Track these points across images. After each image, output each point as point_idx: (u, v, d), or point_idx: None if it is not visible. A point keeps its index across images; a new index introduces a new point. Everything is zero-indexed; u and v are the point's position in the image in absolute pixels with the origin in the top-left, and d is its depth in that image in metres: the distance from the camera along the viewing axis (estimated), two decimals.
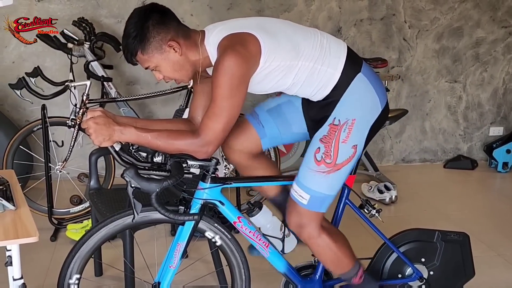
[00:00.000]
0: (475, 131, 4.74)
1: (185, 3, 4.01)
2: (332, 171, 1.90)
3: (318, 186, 1.92)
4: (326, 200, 1.95)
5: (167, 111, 4.11)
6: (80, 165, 3.58)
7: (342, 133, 1.89)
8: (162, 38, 1.78)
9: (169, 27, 1.80)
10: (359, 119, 1.90)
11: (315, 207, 1.94)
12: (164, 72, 1.85)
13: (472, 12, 4.43)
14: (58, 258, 2.85)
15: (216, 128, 1.75)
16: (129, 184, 1.65)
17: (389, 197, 3.79)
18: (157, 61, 1.81)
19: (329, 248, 2.01)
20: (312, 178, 1.92)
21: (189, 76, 1.88)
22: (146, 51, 1.79)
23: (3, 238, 1.62)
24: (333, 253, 2.03)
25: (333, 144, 1.89)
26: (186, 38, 1.83)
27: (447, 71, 4.54)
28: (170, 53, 1.80)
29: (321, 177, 1.91)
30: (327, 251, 2.02)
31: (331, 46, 1.91)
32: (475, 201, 3.95)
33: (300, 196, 1.94)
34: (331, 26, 4.24)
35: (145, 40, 1.77)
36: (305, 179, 1.93)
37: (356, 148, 1.92)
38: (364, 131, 1.93)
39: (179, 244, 1.95)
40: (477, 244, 2.95)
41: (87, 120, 1.71)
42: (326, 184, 1.92)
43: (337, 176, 1.92)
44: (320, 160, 1.90)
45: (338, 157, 1.90)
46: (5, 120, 3.78)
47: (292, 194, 1.97)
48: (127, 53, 1.81)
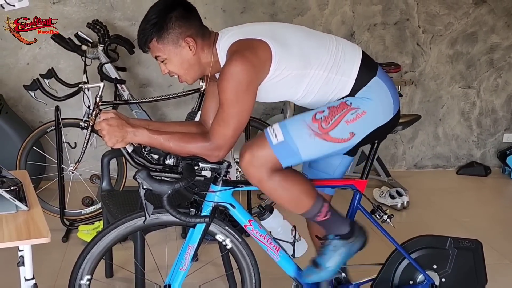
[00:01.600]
0: (489, 138, 4.70)
1: (199, 6, 3.98)
2: (320, 136, 1.84)
3: (298, 138, 1.83)
4: (294, 156, 1.85)
5: (179, 114, 4.12)
6: (92, 166, 3.60)
7: (349, 115, 1.85)
8: (182, 32, 1.78)
9: (192, 24, 1.80)
10: (369, 114, 1.87)
11: (279, 153, 1.82)
12: (171, 67, 1.84)
13: (487, 18, 4.40)
14: (69, 259, 2.87)
15: (225, 134, 1.75)
16: (141, 186, 1.66)
17: (401, 203, 3.77)
18: (169, 53, 1.80)
19: (282, 188, 1.86)
20: (299, 128, 1.85)
21: (194, 77, 1.88)
22: (161, 40, 1.78)
23: (16, 238, 1.63)
24: (288, 193, 1.88)
25: (336, 116, 1.85)
26: (203, 39, 1.83)
27: (461, 76, 4.50)
28: (184, 49, 1.80)
29: (306, 133, 1.84)
30: (280, 191, 1.87)
31: (346, 53, 1.89)
32: (488, 208, 3.92)
33: (274, 134, 1.83)
34: (345, 30, 4.23)
35: (164, 29, 1.76)
36: (291, 124, 1.86)
37: (352, 137, 1.87)
38: (369, 127, 1.90)
39: (189, 247, 1.95)
40: (490, 252, 2.92)
41: (100, 122, 1.72)
42: (306, 142, 1.84)
43: (319, 144, 1.85)
44: (317, 119, 1.85)
45: (333, 129, 1.85)
46: (19, 121, 3.82)
47: (266, 129, 1.87)
48: (142, 37, 1.80)
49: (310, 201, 1.91)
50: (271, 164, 1.83)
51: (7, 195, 1.77)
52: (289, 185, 1.87)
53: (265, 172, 1.82)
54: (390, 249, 2.21)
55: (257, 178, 1.84)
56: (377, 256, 2.26)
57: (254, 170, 1.83)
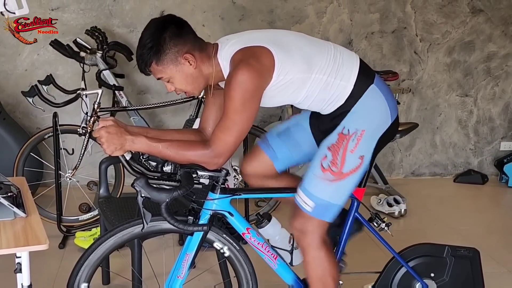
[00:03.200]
0: (486, 146, 4.71)
1: (197, 13, 4.04)
2: (338, 179, 1.89)
3: (323, 194, 1.90)
4: (331, 209, 1.93)
5: (177, 121, 4.12)
6: (89, 173, 3.60)
7: (351, 143, 1.88)
8: (179, 50, 1.79)
9: (186, 39, 1.81)
10: (368, 131, 1.90)
11: (320, 215, 1.93)
12: (177, 84, 1.85)
13: (484, 26, 4.43)
14: (66, 265, 2.86)
15: (227, 141, 1.76)
16: (139, 193, 1.65)
17: (398, 211, 3.77)
18: (171, 72, 1.82)
19: (322, 264, 1.98)
20: (317, 185, 1.91)
21: (200, 89, 1.90)
22: (161, 62, 1.79)
23: (14, 245, 1.62)
24: (323, 270, 1.99)
25: (340, 153, 1.88)
26: (201, 51, 1.84)
27: (458, 85, 4.52)
28: (185, 65, 1.81)
29: (326, 185, 1.90)
30: (319, 265, 1.99)
31: (344, 59, 1.91)
32: (486, 216, 3.92)
33: (305, 203, 1.92)
34: (342, 38, 4.25)
35: (161, 51, 1.78)
36: (310, 185, 1.92)
37: (363, 159, 1.91)
38: (372, 143, 1.92)
39: (187, 255, 1.94)
40: (487, 260, 2.92)
41: (99, 129, 1.72)
42: (331, 192, 1.91)
43: (343, 185, 1.91)
44: (326, 167, 1.89)
45: (344, 166, 1.89)
46: (17, 127, 3.81)
47: (296, 200, 1.96)
48: (141, 63, 1.82)
49: (332, 287, 2.02)
50: (318, 228, 1.95)
51: (5, 201, 1.77)
52: (327, 265, 1.99)
53: (316, 239, 1.95)
54: (387, 257, 2.21)
55: (307, 243, 1.96)
56: (374, 264, 2.26)
57: (307, 235, 1.95)
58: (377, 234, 2.13)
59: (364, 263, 2.10)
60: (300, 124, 2.13)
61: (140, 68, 1.84)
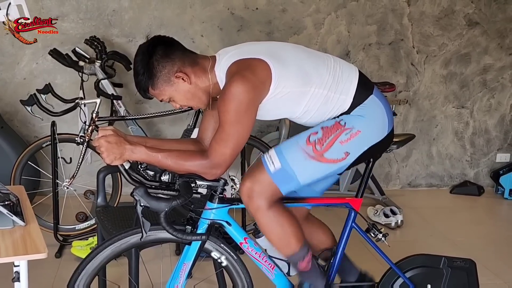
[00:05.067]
0: (482, 157, 4.73)
1: (196, 24, 4.06)
2: (315, 158, 1.87)
3: (294, 163, 1.87)
4: (292, 181, 1.88)
5: (175, 130, 4.13)
6: (86, 182, 3.59)
7: (343, 135, 1.88)
8: (169, 71, 1.80)
9: (174, 58, 1.81)
10: (363, 133, 1.90)
11: (278, 180, 1.87)
12: (179, 102, 1.87)
13: (480, 39, 4.46)
14: (62, 274, 2.85)
15: (224, 153, 1.77)
16: (138, 203, 1.66)
17: (395, 222, 3.78)
18: (169, 93, 1.84)
19: (278, 223, 1.90)
20: (294, 152, 1.88)
21: (205, 102, 1.90)
22: (156, 86, 1.82)
23: (13, 254, 1.62)
24: (281, 229, 1.91)
25: (330, 137, 1.87)
26: (193, 66, 1.84)
27: (455, 96, 4.55)
28: (180, 83, 1.82)
29: (302, 157, 1.87)
30: (275, 225, 1.91)
31: (344, 72, 1.92)
32: (482, 227, 3.93)
33: (271, 161, 1.87)
34: (340, 49, 4.28)
35: (153, 76, 1.80)
36: (286, 149, 1.89)
37: (347, 156, 1.90)
38: (363, 146, 1.92)
39: (185, 264, 1.95)
40: (484, 271, 2.92)
41: (98, 139, 1.73)
42: (302, 166, 1.88)
43: (316, 166, 1.88)
44: (311, 142, 1.87)
45: (328, 151, 1.87)
46: (15, 135, 3.81)
47: (263, 157, 1.91)
48: (140, 90, 1.86)
49: (298, 244, 1.95)
50: (271, 192, 1.87)
51: (4, 210, 1.77)
52: (284, 223, 1.91)
53: (264, 202, 1.86)
54: (384, 268, 2.22)
55: (256, 207, 1.87)
56: (372, 274, 2.26)
57: (254, 198, 1.86)
58: (374, 244, 2.14)
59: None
60: None
61: (141, 94, 1.88)
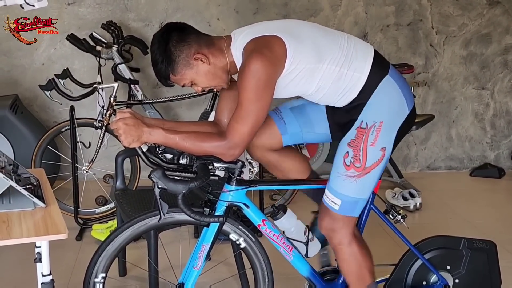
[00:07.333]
0: (503, 139, 4.66)
1: (212, 7, 4.04)
2: (362, 174, 1.90)
3: (349, 191, 1.92)
4: (358, 203, 1.95)
5: (192, 114, 4.14)
6: (105, 166, 3.63)
7: (370, 136, 1.88)
8: (187, 54, 1.81)
9: (190, 41, 1.82)
10: (386, 122, 1.89)
11: (347, 211, 1.94)
12: (201, 84, 1.88)
13: (501, 19, 4.37)
14: (83, 257, 2.89)
15: (243, 131, 1.77)
16: (156, 185, 1.67)
17: (413, 204, 3.75)
18: (190, 77, 1.84)
19: (355, 258, 2.00)
20: (342, 183, 1.92)
21: (226, 80, 1.91)
22: (176, 71, 1.83)
23: (34, 234, 1.65)
24: (358, 265, 2.01)
25: (361, 148, 1.88)
26: (209, 46, 1.85)
27: (475, 77, 4.48)
28: (199, 65, 1.83)
29: (351, 182, 1.90)
30: (353, 261, 2.01)
31: (358, 50, 1.90)
32: (502, 210, 3.89)
33: (332, 202, 1.94)
34: (357, 31, 4.23)
35: (172, 62, 1.81)
36: (335, 184, 1.93)
37: (384, 151, 1.91)
38: (392, 133, 1.92)
39: (203, 246, 1.96)
40: (504, 254, 2.89)
41: (116, 121, 1.74)
42: (357, 188, 1.92)
43: (367, 179, 1.92)
44: (349, 164, 1.90)
45: (367, 160, 1.89)
46: (34, 120, 3.86)
47: (324, 200, 1.97)
48: (161, 78, 1.86)
49: (370, 280, 2.03)
50: (347, 224, 1.96)
51: (25, 192, 1.79)
52: (361, 259, 2.01)
53: (346, 236, 1.97)
54: (403, 249, 2.21)
55: (338, 242, 1.99)
56: (390, 257, 2.26)
57: (335, 234, 1.98)
58: (392, 226, 2.13)
59: (379, 256, 2.09)
60: (317, 104, 2.04)
61: (162, 83, 1.88)
